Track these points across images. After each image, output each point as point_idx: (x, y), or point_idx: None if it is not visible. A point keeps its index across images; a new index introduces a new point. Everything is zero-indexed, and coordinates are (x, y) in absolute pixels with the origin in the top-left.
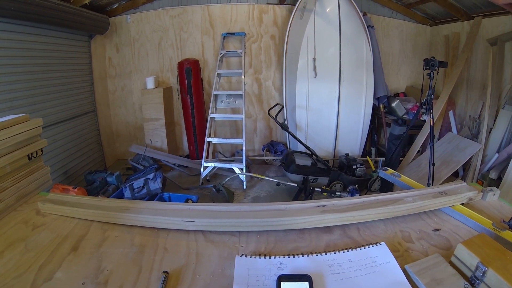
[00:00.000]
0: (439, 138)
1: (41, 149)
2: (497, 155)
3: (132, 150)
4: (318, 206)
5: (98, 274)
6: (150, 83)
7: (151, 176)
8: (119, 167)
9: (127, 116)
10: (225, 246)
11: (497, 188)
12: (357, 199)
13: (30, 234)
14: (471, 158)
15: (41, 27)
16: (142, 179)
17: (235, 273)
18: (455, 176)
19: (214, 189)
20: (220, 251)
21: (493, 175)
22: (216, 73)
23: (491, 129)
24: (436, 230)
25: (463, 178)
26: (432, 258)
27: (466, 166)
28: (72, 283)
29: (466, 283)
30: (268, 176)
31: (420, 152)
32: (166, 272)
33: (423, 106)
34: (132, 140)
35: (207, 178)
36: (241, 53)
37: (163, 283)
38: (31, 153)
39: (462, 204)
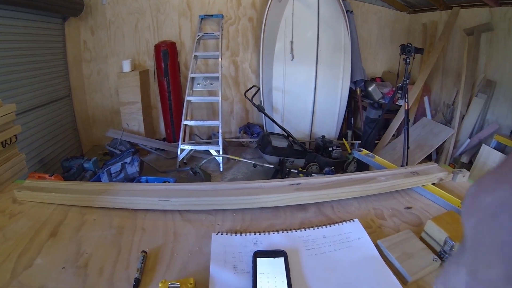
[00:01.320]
0: (414, 122)
1: (15, 135)
2: (468, 140)
3: (108, 135)
4: (292, 184)
5: (78, 257)
6: (127, 66)
7: (128, 160)
8: (96, 153)
9: (103, 101)
10: (201, 224)
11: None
12: (331, 178)
13: (7, 223)
14: (444, 142)
15: (11, 9)
16: (119, 163)
17: (212, 250)
18: (428, 159)
19: (191, 172)
20: (197, 229)
21: (464, 159)
22: (193, 55)
23: (464, 116)
24: (408, 208)
25: (436, 162)
26: (403, 233)
27: (439, 150)
28: (52, 268)
29: (435, 256)
30: (244, 158)
31: (396, 135)
32: (144, 251)
33: (399, 91)
34: (108, 125)
35: (184, 161)
36: (219, 35)
37: (142, 263)
38: (5, 140)
39: (433, 184)
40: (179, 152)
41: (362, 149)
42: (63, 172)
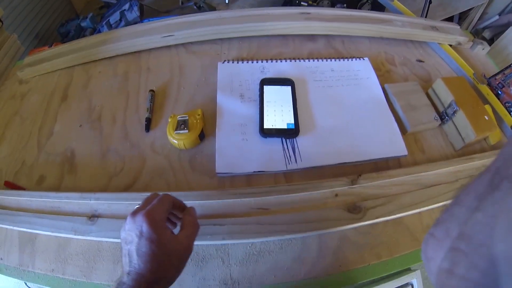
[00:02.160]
0: None
1: (0, 20)
2: (497, 17)
3: None
4: (302, 13)
5: (91, 113)
6: None
7: (126, 6)
8: (91, 9)
9: None
10: (207, 55)
11: None
12: (344, 11)
13: (20, 105)
14: (470, 9)
15: None
16: (118, 12)
17: (218, 78)
18: (449, 21)
19: (195, 6)
20: (202, 61)
21: (487, 34)
22: None
23: None
24: (420, 61)
25: None
26: (411, 84)
27: (462, 16)
28: (70, 130)
29: (437, 115)
30: None
31: None
32: (152, 90)
33: None
34: None
35: None
36: None
37: (151, 102)
38: None
39: (450, 46)
40: None
41: None
42: (62, 39)
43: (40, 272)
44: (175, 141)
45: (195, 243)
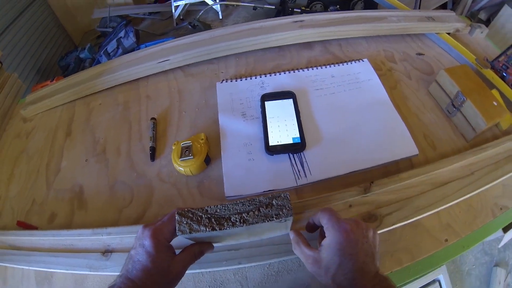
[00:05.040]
0: None
1: None
2: None
3: (95, 16)
4: (295, 21)
5: (95, 146)
6: None
7: (122, 33)
8: (88, 39)
9: None
10: (205, 76)
11: None
12: (338, 14)
13: (26, 143)
14: None
15: None
16: (114, 40)
17: (218, 99)
18: (442, 8)
19: (189, 26)
20: (201, 82)
21: (482, 16)
22: None
23: None
24: (420, 54)
25: None
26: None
27: (456, 0)
28: (77, 165)
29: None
30: (243, 2)
31: None
32: (153, 118)
33: None
34: (92, 6)
35: (181, 17)
36: None
37: (153, 130)
38: None
39: (448, 34)
40: (173, 10)
41: None
42: (63, 72)
43: None
44: (181, 169)
45: (211, 269)
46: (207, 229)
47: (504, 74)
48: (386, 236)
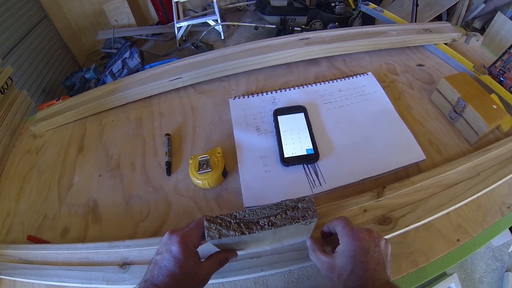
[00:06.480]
0: None
1: (10, 77)
2: (483, 5)
3: (100, 38)
4: (301, 39)
5: (109, 161)
6: None
7: (127, 54)
8: (93, 60)
9: (82, 7)
10: (217, 93)
11: None
12: (341, 31)
13: (36, 159)
14: (456, 3)
15: None
16: (119, 60)
17: (232, 115)
18: (438, 20)
19: (192, 47)
20: (213, 99)
21: (477, 24)
22: None
23: None
24: (420, 65)
25: None
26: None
27: (450, 11)
28: (90, 180)
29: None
30: (244, 22)
31: None
32: (168, 134)
33: None
34: (96, 28)
35: (184, 38)
36: None
37: (168, 145)
38: (1, 86)
39: (446, 44)
40: (176, 31)
41: (370, 2)
42: (68, 92)
43: None
44: (199, 182)
45: (233, 278)
46: (237, 234)
47: (501, 79)
48: (401, 238)
